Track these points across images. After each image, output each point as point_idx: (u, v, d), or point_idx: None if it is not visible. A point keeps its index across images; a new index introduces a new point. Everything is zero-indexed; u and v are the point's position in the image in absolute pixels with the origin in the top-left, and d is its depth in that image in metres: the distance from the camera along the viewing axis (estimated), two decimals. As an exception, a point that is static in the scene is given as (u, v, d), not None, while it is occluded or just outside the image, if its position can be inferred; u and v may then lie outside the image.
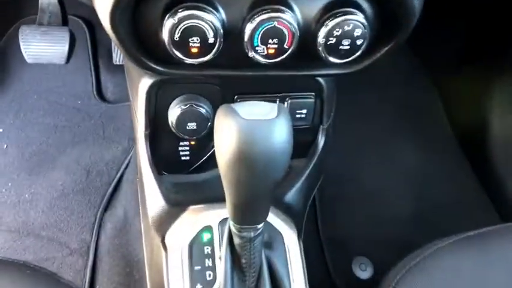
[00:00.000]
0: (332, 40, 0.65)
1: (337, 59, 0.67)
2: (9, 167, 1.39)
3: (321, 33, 0.64)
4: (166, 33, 0.61)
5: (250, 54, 0.65)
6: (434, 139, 1.60)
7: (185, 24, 0.60)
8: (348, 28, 0.64)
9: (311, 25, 0.66)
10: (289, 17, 0.62)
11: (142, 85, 0.81)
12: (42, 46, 1.29)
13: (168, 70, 0.69)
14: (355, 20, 0.64)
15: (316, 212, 1.34)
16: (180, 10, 0.60)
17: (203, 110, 0.81)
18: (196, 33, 0.61)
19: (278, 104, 0.51)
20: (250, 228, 0.60)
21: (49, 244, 1.24)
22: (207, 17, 0.60)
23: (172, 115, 0.81)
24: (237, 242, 0.63)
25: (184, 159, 0.91)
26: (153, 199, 0.85)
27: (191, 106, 0.80)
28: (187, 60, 0.64)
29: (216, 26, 0.61)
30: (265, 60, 0.66)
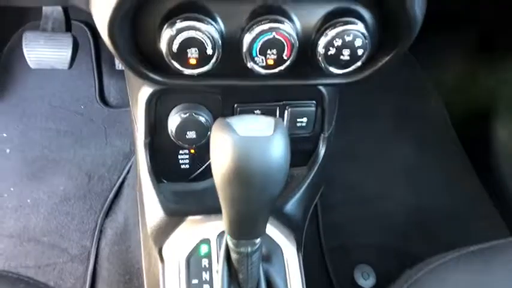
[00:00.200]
0: (332, 50, 0.64)
1: (337, 69, 0.66)
2: (11, 172, 1.39)
3: (321, 43, 0.63)
4: (164, 44, 0.61)
5: (249, 65, 0.64)
6: (437, 145, 1.58)
7: (183, 35, 0.60)
8: (349, 38, 0.63)
9: (311, 35, 0.65)
10: (288, 28, 0.61)
11: (142, 94, 0.81)
12: (45, 52, 1.29)
13: (167, 80, 0.69)
14: (355, 30, 0.62)
15: (318, 219, 1.32)
16: (179, 21, 0.60)
17: (203, 119, 0.80)
18: (194, 44, 0.60)
19: (275, 119, 0.50)
20: (247, 242, 0.59)
21: (50, 250, 1.24)
22: (205, 28, 0.60)
23: (172, 124, 0.81)
24: (234, 257, 0.62)
25: (184, 167, 0.90)
26: (152, 208, 0.84)
27: (191, 115, 0.79)
28: (185, 71, 0.64)
29: (215, 37, 0.60)
30: (264, 70, 0.65)
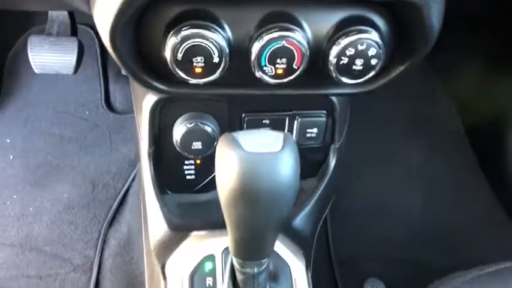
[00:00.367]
0: (344, 60, 0.61)
1: (349, 80, 0.63)
2: (14, 179, 1.37)
3: (333, 52, 0.61)
4: (168, 52, 0.58)
5: (257, 74, 0.61)
6: (449, 153, 1.53)
7: (188, 43, 0.57)
8: (362, 47, 0.60)
9: (322, 44, 0.62)
10: (298, 36, 0.58)
11: (146, 102, 0.78)
12: (50, 56, 1.28)
13: (171, 89, 0.66)
14: (369, 39, 0.59)
15: (326, 230, 1.29)
16: (184, 28, 0.57)
17: (209, 129, 0.77)
18: (200, 52, 0.58)
19: (284, 134, 0.47)
20: (253, 263, 0.56)
21: (52, 260, 1.22)
22: (212, 36, 0.57)
23: (177, 133, 0.78)
24: (240, 278, 0.59)
25: (189, 178, 0.88)
26: (155, 222, 0.81)
27: (196, 125, 0.77)
28: (190, 80, 0.61)
29: (221, 45, 0.58)
30: (273, 80, 0.62)
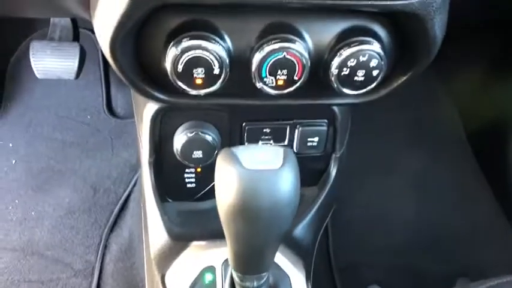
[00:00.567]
0: (346, 71, 0.61)
1: (350, 90, 0.63)
2: (17, 183, 1.37)
3: (334, 63, 0.60)
4: (168, 63, 0.58)
5: (257, 85, 0.61)
6: (451, 160, 1.52)
7: (188, 55, 0.57)
8: (364, 58, 0.60)
9: (323, 54, 0.62)
10: (299, 47, 0.58)
11: (147, 111, 0.78)
12: (52, 62, 1.28)
13: (172, 99, 0.66)
14: (371, 50, 0.59)
15: (328, 239, 1.28)
16: (184, 40, 0.57)
17: (209, 138, 0.77)
18: (200, 64, 0.58)
19: (284, 149, 0.46)
20: (253, 277, 0.55)
21: (53, 264, 1.22)
22: (212, 48, 0.57)
23: (177, 142, 0.78)
24: None
25: (189, 186, 0.87)
26: (156, 231, 0.81)
27: (197, 134, 0.77)
28: (191, 91, 0.61)
29: (222, 57, 0.58)
30: (273, 91, 0.62)
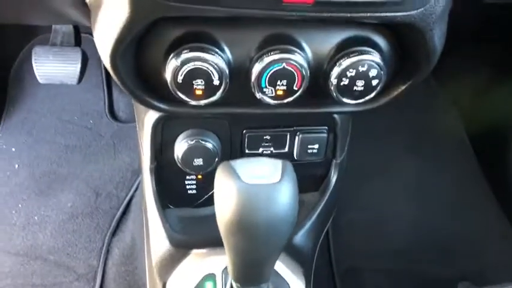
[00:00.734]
0: (345, 81, 0.61)
1: (350, 100, 0.63)
2: (20, 188, 1.38)
3: (334, 73, 0.61)
4: (169, 75, 0.59)
5: (257, 95, 0.62)
6: (453, 164, 1.52)
7: (188, 66, 0.57)
8: (363, 69, 0.60)
9: (323, 64, 0.62)
10: (299, 58, 0.59)
11: (148, 119, 0.79)
12: (54, 67, 1.29)
13: (173, 109, 0.67)
14: (370, 61, 0.59)
15: (329, 243, 1.28)
16: (184, 51, 0.57)
17: (210, 146, 0.78)
18: (200, 75, 0.58)
19: (282, 162, 0.47)
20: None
21: (56, 269, 1.23)
22: (212, 59, 0.57)
23: (178, 150, 0.78)
24: None
25: (190, 193, 0.88)
26: (157, 238, 0.82)
27: (198, 142, 0.77)
28: (191, 102, 0.61)
29: (222, 68, 0.58)
30: (273, 101, 0.62)
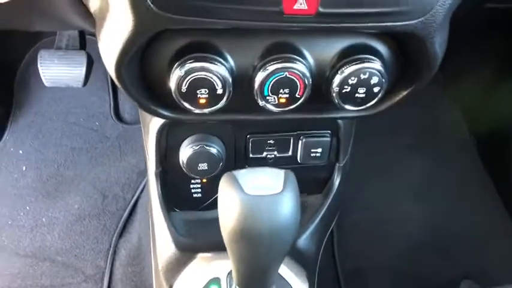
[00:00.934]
0: (347, 88, 0.62)
1: (352, 107, 0.64)
2: (27, 190, 1.40)
3: (336, 80, 0.61)
4: (173, 84, 0.59)
5: (260, 103, 0.62)
6: (457, 163, 1.52)
7: (192, 76, 0.58)
8: (365, 76, 0.61)
9: (325, 72, 0.63)
10: (301, 67, 0.59)
11: (153, 124, 0.80)
12: (59, 70, 1.30)
13: (177, 116, 0.68)
14: (372, 68, 0.60)
15: (333, 244, 1.29)
16: (188, 62, 0.58)
17: (214, 150, 0.79)
18: (204, 84, 0.59)
19: (285, 172, 0.48)
20: None
21: (64, 270, 1.25)
22: (215, 69, 0.58)
23: (183, 155, 0.80)
24: None
25: (196, 196, 0.89)
26: (163, 241, 0.83)
27: (202, 147, 0.78)
28: (195, 110, 0.62)
29: (225, 77, 0.59)
30: (276, 109, 0.63)
